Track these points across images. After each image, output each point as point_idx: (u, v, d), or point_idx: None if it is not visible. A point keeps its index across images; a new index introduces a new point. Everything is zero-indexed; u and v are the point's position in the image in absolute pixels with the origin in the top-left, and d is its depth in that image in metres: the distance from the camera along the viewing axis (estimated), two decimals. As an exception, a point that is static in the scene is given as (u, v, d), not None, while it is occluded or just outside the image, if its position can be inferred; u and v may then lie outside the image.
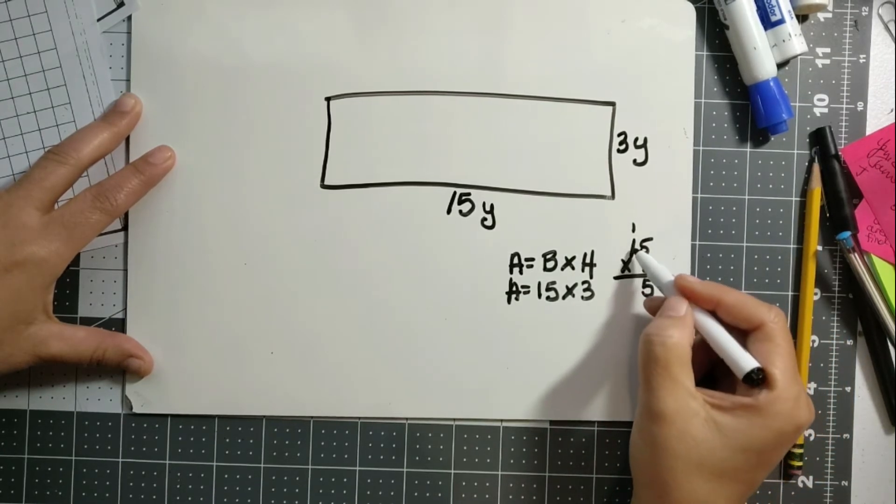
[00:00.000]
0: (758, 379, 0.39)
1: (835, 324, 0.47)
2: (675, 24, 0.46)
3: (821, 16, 0.47)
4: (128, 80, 0.46)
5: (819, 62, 0.47)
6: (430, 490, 0.47)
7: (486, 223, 0.46)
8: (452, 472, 0.47)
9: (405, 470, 0.47)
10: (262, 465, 0.47)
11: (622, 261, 0.46)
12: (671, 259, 0.46)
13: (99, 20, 0.46)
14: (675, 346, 0.39)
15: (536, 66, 0.46)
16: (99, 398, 0.47)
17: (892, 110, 0.47)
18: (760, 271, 0.47)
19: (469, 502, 0.47)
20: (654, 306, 0.44)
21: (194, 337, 0.46)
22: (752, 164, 0.47)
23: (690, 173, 0.47)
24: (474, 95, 0.46)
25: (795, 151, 0.47)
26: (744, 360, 0.39)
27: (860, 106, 0.47)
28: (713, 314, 0.42)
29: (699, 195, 0.47)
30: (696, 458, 0.38)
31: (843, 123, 0.47)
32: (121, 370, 0.46)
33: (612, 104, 0.46)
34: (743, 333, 0.41)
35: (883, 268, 0.46)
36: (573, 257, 0.46)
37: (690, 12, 0.46)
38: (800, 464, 0.46)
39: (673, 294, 0.42)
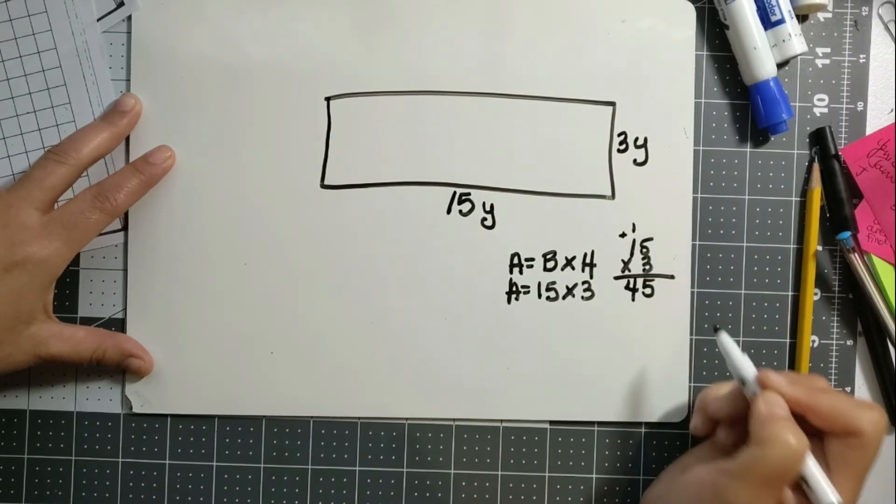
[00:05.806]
0: None
1: (835, 324, 0.47)
2: (675, 24, 0.46)
3: (821, 16, 0.47)
4: (128, 80, 0.46)
5: (819, 62, 0.47)
6: (430, 490, 0.47)
7: (486, 223, 0.46)
8: (452, 472, 0.47)
9: (405, 470, 0.47)
10: (262, 465, 0.47)
11: (622, 261, 0.46)
12: (671, 259, 0.46)
13: (99, 20, 0.46)
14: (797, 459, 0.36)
15: (537, 66, 0.46)
16: (99, 398, 0.47)
17: (892, 110, 0.47)
18: (760, 271, 0.47)
19: (469, 502, 0.47)
20: (721, 407, 0.39)
21: (194, 337, 0.46)
22: (752, 164, 0.47)
23: (690, 173, 0.47)
24: (474, 95, 0.46)
25: (795, 151, 0.47)
26: (825, 496, 0.36)
27: (860, 106, 0.47)
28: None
29: (699, 195, 0.47)
30: None
31: (843, 123, 0.47)
32: (121, 370, 0.46)
33: (613, 104, 0.46)
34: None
35: (883, 268, 0.46)
36: (573, 257, 0.46)
37: (690, 12, 0.46)
38: (800, 464, 0.46)
39: (757, 391, 0.38)
